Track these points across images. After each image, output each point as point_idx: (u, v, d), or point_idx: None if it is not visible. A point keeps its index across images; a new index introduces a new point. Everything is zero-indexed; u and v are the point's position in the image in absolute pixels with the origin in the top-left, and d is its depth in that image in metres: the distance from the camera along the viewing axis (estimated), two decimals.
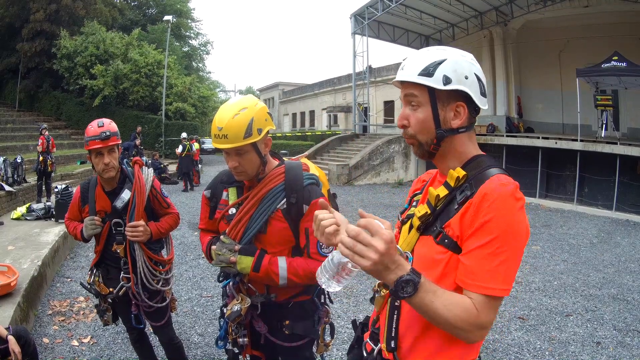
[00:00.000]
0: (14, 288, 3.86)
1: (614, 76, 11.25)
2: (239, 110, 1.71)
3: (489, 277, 1.03)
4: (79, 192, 2.62)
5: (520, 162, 13.28)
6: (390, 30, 18.83)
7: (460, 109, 1.17)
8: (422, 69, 1.15)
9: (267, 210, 1.80)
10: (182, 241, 7.19)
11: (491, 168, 1.15)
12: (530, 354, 3.68)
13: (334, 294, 4.77)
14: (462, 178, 1.14)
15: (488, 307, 1.04)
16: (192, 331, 4.00)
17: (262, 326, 1.90)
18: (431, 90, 1.15)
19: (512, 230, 1.04)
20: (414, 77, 1.16)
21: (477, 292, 1.04)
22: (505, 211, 1.04)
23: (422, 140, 1.20)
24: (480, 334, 1.06)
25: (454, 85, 1.14)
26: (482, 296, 1.03)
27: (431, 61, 1.15)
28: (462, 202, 1.11)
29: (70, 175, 12.96)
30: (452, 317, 1.01)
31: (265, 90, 44.86)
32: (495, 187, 1.07)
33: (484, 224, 1.04)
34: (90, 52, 21.46)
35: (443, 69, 1.14)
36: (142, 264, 2.53)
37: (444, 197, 1.16)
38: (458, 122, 1.18)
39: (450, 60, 1.15)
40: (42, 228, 6.77)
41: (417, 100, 1.18)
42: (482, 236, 1.05)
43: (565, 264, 6.47)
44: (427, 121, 1.18)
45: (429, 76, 1.14)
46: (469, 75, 1.15)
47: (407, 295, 0.99)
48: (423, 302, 1.01)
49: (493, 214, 1.04)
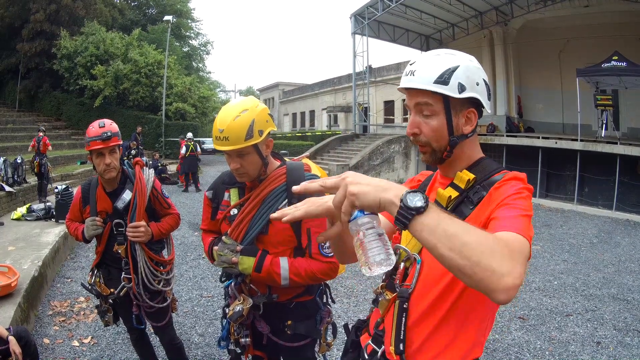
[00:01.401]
0: (15, 288, 3.87)
1: (614, 76, 11.25)
2: (240, 112, 1.71)
3: (514, 223, 0.96)
4: (79, 193, 2.62)
5: (521, 162, 13.29)
6: (390, 30, 18.82)
7: (471, 115, 1.18)
8: (437, 76, 1.13)
9: (269, 211, 1.80)
10: (183, 241, 7.19)
11: (498, 172, 1.18)
12: (530, 354, 3.68)
13: (333, 294, 4.78)
14: (472, 180, 1.16)
15: (522, 242, 0.90)
16: (193, 331, 4.00)
17: (264, 326, 1.90)
18: (446, 98, 1.14)
19: (527, 205, 1.06)
20: (430, 85, 1.13)
21: (510, 230, 0.93)
22: (521, 190, 1.08)
23: (436, 148, 1.19)
24: (514, 273, 0.80)
25: (468, 92, 1.14)
26: (515, 233, 0.92)
27: (445, 68, 1.13)
28: (478, 201, 1.13)
29: (71, 175, 12.94)
30: (476, 240, 0.81)
31: (265, 90, 44.85)
32: (507, 178, 1.12)
33: (504, 198, 1.06)
34: (91, 53, 21.43)
35: (458, 76, 1.13)
36: (143, 265, 2.53)
37: (455, 199, 1.16)
38: (469, 128, 1.19)
39: (462, 66, 1.14)
40: (43, 228, 6.77)
41: (431, 109, 1.16)
42: (505, 200, 1.06)
43: (566, 263, 6.48)
44: (441, 129, 1.17)
45: (444, 84, 1.12)
46: (479, 82, 1.16)
47: (419, 208, 0.82)
48: (439, 216, 0.82)
49: (509, 189, 1.08)
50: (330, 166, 15.91)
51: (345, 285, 5.24)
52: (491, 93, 1.22)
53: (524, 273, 0.84)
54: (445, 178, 1.26)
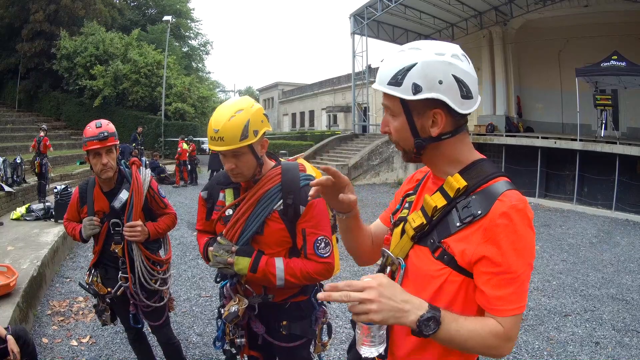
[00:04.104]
0: (14, 288, 3.87)
1: (613, 75, 11.25)
2: (235, 112, 1.71)
3: (515, 299, 1.02)
4: (77, 193, 2.63)
5: (520, 162, 13.29)
6: (389, 30, 18.83)
7: (437, 117, 1.07)
8: (391, 77, 1.07)
9: (264, 212, 1.80)
10: (181, 241, 7.19)
11: (495, 179, 1.07)
12: (528, 354, 3.68)
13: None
14: (462, 189, 1.07)
15: (515, 322, 1.03)
16: (191, 331, 4.00)
17: (260, 327, 1.91)
18: (403, 99, 1.07)
19: (527, 252, 1.03)
20: (384, 86, 1.09)
21: (505, 315, 1.02)
22: (522, 234, 1.01)
23: (405, 148, 1.15)
24: (510, 346, 1.05)
25: (425, 93, 1.04)
26: (509, 317, 1.02)
27: (400, 67, 1.06)
28: (469, 221, 1.04)
29: (70, 175, 12.95)
30: (481, 341, 1.01)
31: (264, 90, 44.83)
32: (508, 212, 1.00)
33: (503, 253, 1.00)
34: (90, 53, 21.46)
35: (412, 75, 1.04)
36: (140, 264, 2.54)
37: (441, 208, 1.09)
38: (437, 130, 1.08)
39: (421, 64, 1.04)
40: (42, 228, 6.77)
41: (391, 111, 1.12)
42: (503, 263, 1.00)
43: (565, 263, 6.47)
44: (403, 131, 1.12)
45: (397, 85, 1.06)
46: (443, 79, 1.04)
47: (433, 331, 0.97)
48: (449, 333, 0.99)
49: (510, 240, 1.00)
50: (329, 166, 15.90)
51: None
52: (471, 88, 1.07)
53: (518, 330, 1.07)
54: (437, 178, 1.19)
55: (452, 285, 1.07)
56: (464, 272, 1.06)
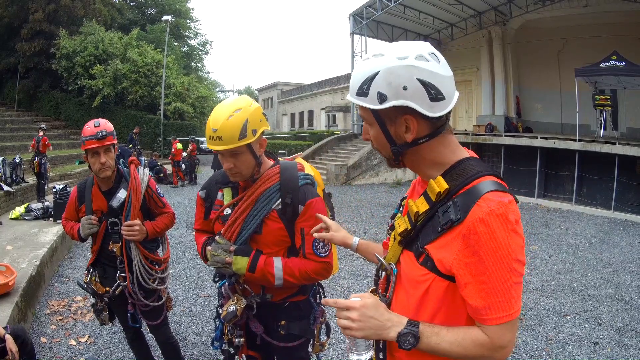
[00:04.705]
0: (12, 287, 3.87)
1: (612, 76, 11.25)
2: (233, 111, 1.70)
3: (500, 308, 0.98)
4: (75, 192, 2.63)
5: (519, 162, 13.29)
6: (388, 30, 18.83)
7: (409, 123, 1.05)
8: (357, 87, 1.06)
9: (262, 211, 1.80)
10: (180, 241, 7.19)
11: (478, 179, 1.03)
12: (527, 354, 3.68)
13: (330, 294, 4.78)
14: (443, 193, 1.04)
15: (503, 331, 1.00)
16: (189, 330, 4.00)
17: (258, 326, 1.90)
18: (373, 109, 1.06)
19: (510, 258, 0.97)
20: (353, 97, 1.08)
21: (490, 324, 1.00)
22: (501, 241, 0.96)
23: (384, 155, 1.15)
24: (502, 353, 1.03)
25: (391, 102, 1.02)
26: (495, 326, 1.00)
27: (364, 77, 1.04)
28: (447, 227, 1.01)
29: (69, 175, 12.93)
30: (463, 351, 1.02)
31: (264, 90, 44.81)
32: (486, 219, 0.96)
33: (482, 261, 0.97)
34: (89, 52, 21.44)
35: (376, 84, 1.02)
36: (138, 263, 2.54)
37: (424, 213, 1.07)
38: (411, 135, 1.06)
39: (382, 71, 1.01)
40: (41, 228, 6.76)
41: (366, 120, 1.12)
42: (482, 272, 0.97)
43: (564, 263, 6.47)
44: (380, 138, 1.11)
45: (364, 96, 1.05)
46: (408, 85, 1.00)
47: (412, 345, 1.03)
48: (429, 346, 1.04)
49: (488, 248, 0.96)
50: (328, 166, 15.92)
51: (342, 285, 5.24)
52: (442, 89, 1.02)
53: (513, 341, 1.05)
54: (423, 182, 1.17)
55: (438, 290, 1.06)
56: (448, 278, 1.04)
